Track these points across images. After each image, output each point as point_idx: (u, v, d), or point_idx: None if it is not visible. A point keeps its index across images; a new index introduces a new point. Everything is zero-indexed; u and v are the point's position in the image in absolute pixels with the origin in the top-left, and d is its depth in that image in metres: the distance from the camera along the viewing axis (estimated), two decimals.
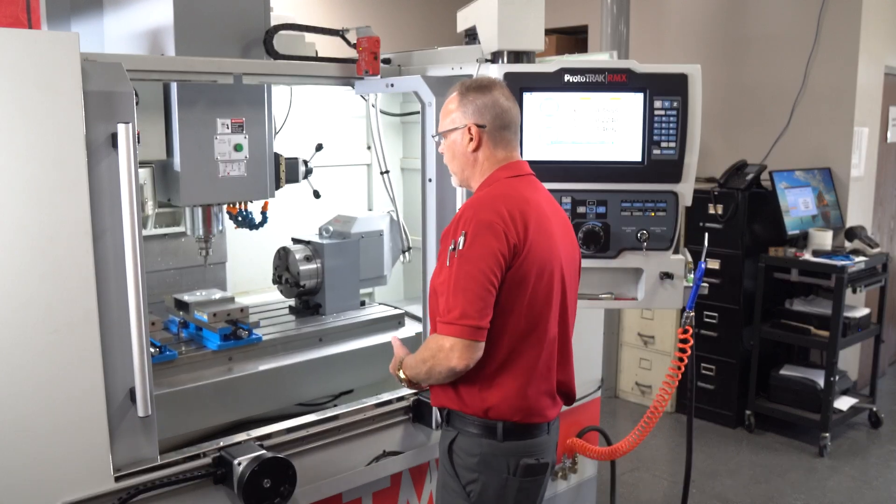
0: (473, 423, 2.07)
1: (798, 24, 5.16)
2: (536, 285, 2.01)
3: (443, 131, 2.17)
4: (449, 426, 2.13)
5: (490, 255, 1.93)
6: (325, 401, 3.02)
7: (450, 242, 1.99)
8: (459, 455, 2.09)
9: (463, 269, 1.93)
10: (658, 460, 4.58)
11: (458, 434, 2.10)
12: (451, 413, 2.12)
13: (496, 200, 2.00)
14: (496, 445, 2.06)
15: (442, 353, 1.95)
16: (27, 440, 1.87)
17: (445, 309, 1.95)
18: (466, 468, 2.08)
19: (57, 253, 1.86)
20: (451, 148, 2.16)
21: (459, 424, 2.10)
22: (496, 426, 2.05)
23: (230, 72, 2.45)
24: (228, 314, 2.74)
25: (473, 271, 1.92)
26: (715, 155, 5.38)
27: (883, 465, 4.54)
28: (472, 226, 1.95)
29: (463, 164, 2.15)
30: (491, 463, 2.06)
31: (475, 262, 1.93)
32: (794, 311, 4.92)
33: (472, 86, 2.13)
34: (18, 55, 1.78)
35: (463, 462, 2.09)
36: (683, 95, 2.54)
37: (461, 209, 2.05)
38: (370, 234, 3.24)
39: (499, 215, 1.96)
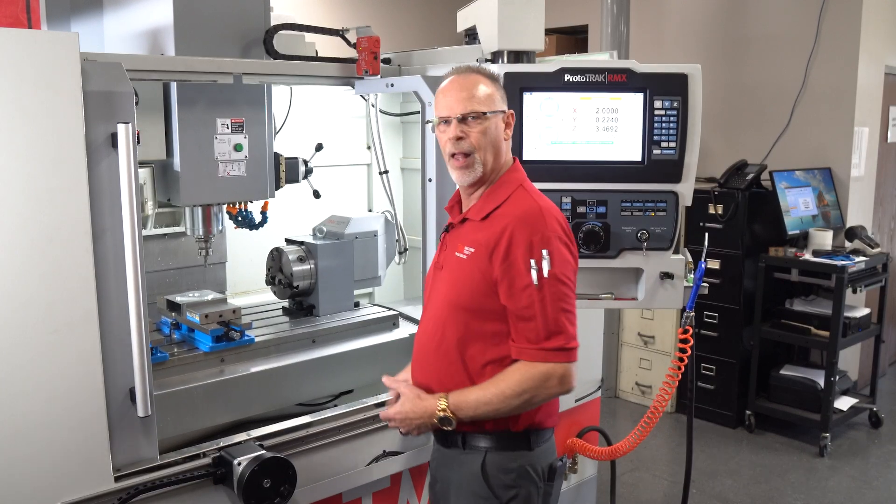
0: (506, 437, 2.00)
1: (798, 24, 5.16)
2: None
3: (491, 110, 1.99)
4: (468, 448, 2.03)
5: (571, 269, 1.95)
6: (324, 401, 3.01)
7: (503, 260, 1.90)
8: (494, 475, 2.00)
9: (557, 290, 1.90)
10: (658, 460, 4.58)
11: (487, 453, 2.00)
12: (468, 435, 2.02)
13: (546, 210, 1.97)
14: (529, 455, 2.02)
15: (553, 380, 1.90)
16: (27, 440, 1.87)
17: (546, 333, 1.89)
18: (504, 486, 2.00)
19: (57, 253, 1.86)
20: (489, 132, 1.99)
21: (485, 443, 2.01)
22: (529, 436, 2.02)
23: (230, 72, 2.45)
24: (220, 315, 2.73)
25: (566, 290, 1.92)
26: (715, 155, 5.38)
27: (883, 465, 4.54)
28: (551, 244, 1.91)
29: (495, 150, 2.01)
30: (528, 473, 2.02)
31: (564, 280, 1.91)
32: (794, 311, 4.92)
33: (496, 75, 2.08)
34: (18, 55, 1.78)
35: (500, 480, 2.00)
36: (683, 95, 2.54)
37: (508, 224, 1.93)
38: (364, 234, 3.23)
39: (560, 226, 1.96)
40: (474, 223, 2.03)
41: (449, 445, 2.08)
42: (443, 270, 2.09)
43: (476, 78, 2.02)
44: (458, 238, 2.06)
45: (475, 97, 1.98)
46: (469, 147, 1.98)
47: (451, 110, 1.99)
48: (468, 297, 1.97)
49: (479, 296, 1.96)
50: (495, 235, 1.94)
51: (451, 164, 2.03)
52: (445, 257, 2.09)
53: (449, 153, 2.02)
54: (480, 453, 2.01)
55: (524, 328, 1.91)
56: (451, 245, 2.08)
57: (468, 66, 2.09)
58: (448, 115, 2.00)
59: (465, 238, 2.03)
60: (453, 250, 2.05)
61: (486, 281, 1.94)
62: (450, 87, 2.02)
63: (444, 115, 2.01)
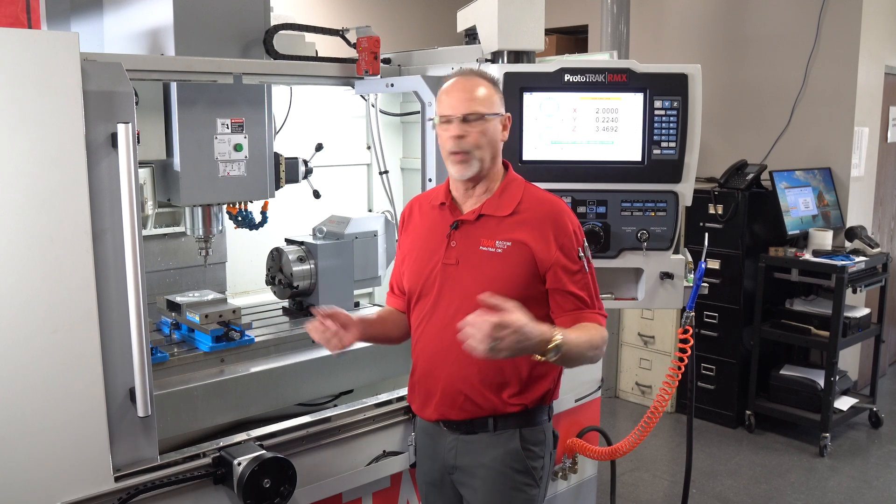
0: (531, 413, 2.15)
1: (798, 24, 5.16)
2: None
3: (492, 113, 2.08)
4: (499, 429, 2.13)
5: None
6: (325, 401, 3.01)
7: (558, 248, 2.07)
8: (530, 449, 2.15)
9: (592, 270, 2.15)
10: (658, 460, 4.58)
11: (521, 430, 2.14)
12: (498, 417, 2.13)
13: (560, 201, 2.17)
14: (548, 426, 2.21)
15: (605, 340, 2.10)
16: (27, 440, 1.87)
17: (598, 305, 2.15)
18: (535, 457, 2.16)
19: (57, 253, 1.86)
20: (488, 133, 2.07)
21: (516, 422, 2.13)
22: (545, 408, 2.20)
23: (230, 72, 2.45)
24: (220, 315, 2.73)
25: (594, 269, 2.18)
26: (715, 155, 5.38)
27: (883, 465, 4.54)
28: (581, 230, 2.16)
29: (493, 150, 2.10)
30: (548, 444, 2.21)
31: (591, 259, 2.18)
32: (794, 311, 4.92)
33: (496, 79, 2.16)
34: (18, 55, 1.78)
35: (533, 453, 2.15)
36: (683, 95, 2.54)
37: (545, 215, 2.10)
38: (364, 234, 3.23)
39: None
40: (498, 219, 2.10)
41: (476, 431, 2.15)
42: (459, 266, 2.10)
43: (477, 80, 2.09)
44: (479, 233, 2.11)
45: (476, 98, 2.06)
46: (469, 146, 2.05)
47: (453, 110, 2.06)
48: (511, 287, 2.03)
49: (521, 287, 2.06)
50: (541, 226, 2.08)
51: (450, 160, 2.09)
52: (461, 252, 2.11)
53: (449, 151, 2.08)
54: (514, 431, 2.13)
55: (588, 301, 2.12)
56: (467, 240, 2.11)
57: (471, 68, 2.16)
58: (451, 114, 2.06)
59: (491, 233, 2.10)
60: (475, 245, 2.10)
61: (530, 271, 2.07)
62: (453, 88, 2.09)
63: (447, 115, 2.07)
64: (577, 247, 2.10)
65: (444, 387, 2.13)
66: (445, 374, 2.13)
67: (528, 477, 2.15)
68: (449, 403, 2.14)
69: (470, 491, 2.17)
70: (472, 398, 2.11)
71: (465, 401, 2.11)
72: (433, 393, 2.16)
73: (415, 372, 2.23)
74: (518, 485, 2.14)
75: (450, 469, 2.20)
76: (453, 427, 2.17)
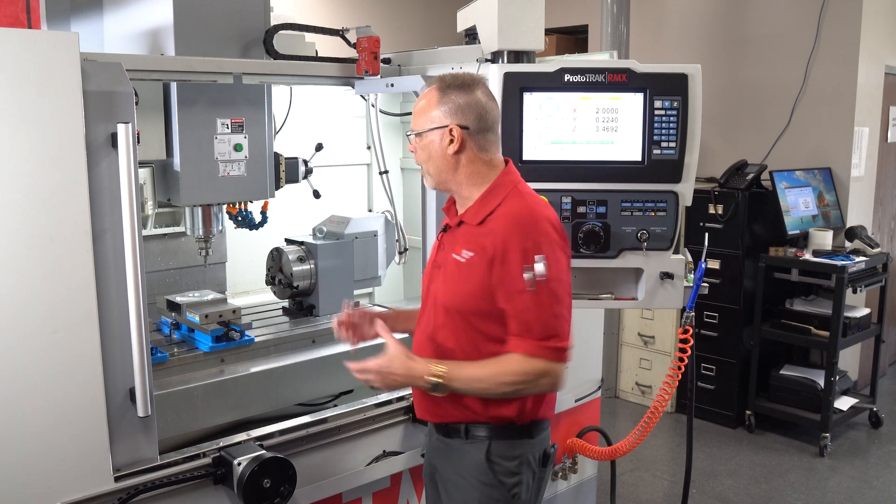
0: (509, 427, 2.05)
1: (798, 24, 5.16)
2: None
3: (420, 131, 2.04)
4: (471, 438, 2.07)
5: (564, 270, 1.99)
6: (324, 401, 3.01)
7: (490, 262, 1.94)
8: (499, 463, 2.05)
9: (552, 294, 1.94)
10: (658, 460, 4.58)
11: (491, 441, 2.05)
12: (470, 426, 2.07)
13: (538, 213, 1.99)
14: (530, 444, 2.09)
15: (547, 378, 1.96)
16: (27, 440, 1.87)
17: (543, 334, 1.93)
18: (508, 473, 2.05)
19: (57, 253, 1.86)
20: (428, 148, 2.03)
21: (488, 433, 2.05)
22: (532, 427, 2.08)
23: (230, 72, 2.45)
24: (220, 315, 2.73)
25: (560, 294, 1.96)
26: (715, 155, 5.38)
27: (883, 465, 4.54)
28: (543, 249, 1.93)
29: (441, 166, 2.04)
30: (528, 461, 2.09)
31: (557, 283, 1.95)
32: (794, 311, 4.92)
33: (454, 83, 2.02)
34: (18, 55, 1.78)
35: (504, 468, 2.05)
36: (683, 95, 2.54)
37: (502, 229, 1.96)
38: (364, 234, 3.24)
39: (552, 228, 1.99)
40: (471, 227, 2.04)
41: (451, 436, 2.11)
42: (440, 270, 2.11)
43: (428, 92, 2.05)
44: (456, 240, 2.08)
45: (414, 116, 2.07)
46: (418, 161, 2.10)
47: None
48: (463, 300, 2.01)
49: (475, 299, 1.99)
50: (492, 242, 1.96)
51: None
52: (443, 257, 2.11)
53: None
54: (484, 442, 2.05)
55: (523, 327, 1.95)
56: (449, 246, 2.10)
57: (438, 77, 2.07)
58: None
59: (462, 241, 2.05)
60: (451, 251, 2.07)
61: (483, 286, 1.97)
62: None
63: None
64: (526, 264, 1.92)
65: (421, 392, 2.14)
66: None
67: (497, 491, 2.05)
68: (426, 405, 2.14)
69: (445, 495, 2.16)
70: (444, 404, 2.08)
71: (438, 406, 2.10)
72: (416, 392, 2.18)
73: None
74: (486, 497, 2.06)
75: (433, 468, 2.21)
76: (434, 427, 2.17)
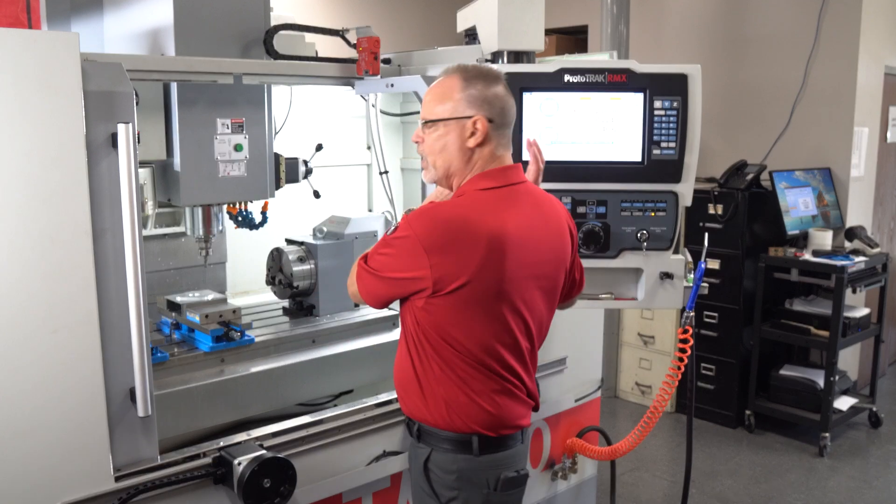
0: (450, 439, 1.99)
1: (798, 24, 5.16)
2: (492, 305, 1.91)
3: (439, 118, 1.94)
4: (421, 442, 2.05)
5: (386, 256, 1.93)
6: (325, 401, 3.01)
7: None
8: (436, 472, 2.01)
9: (376, 251, 1.96)
10: (658, 460, 4.58)
11: (433, 450, 2.02)
12: (422, 428, 2.04)
13: (429, 210, 1.92)
14: (474, 461, 1.98)
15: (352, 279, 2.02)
16: (27, 440, 1.87)
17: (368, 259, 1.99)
18: (445, 486, 2.00)
19: (57, 253, 1.86)
20: (444, 138, 1.94)
21: (433, 441, 2.02)
22: (471, 440, 1.97)
23: (230, 72, 2.45)
24: (221, 315, 2.73)
25: (381, 259, 1.94)
26: (715, 155, 5.38)
27: (883, 465, 4.54)
28: (402, 229, 1.89)
29: (454, 159, 1.95)
30: (471, 478, 1.99)
31: (376, 257, 1.95)
32: (794, 311, 4.92)
33: (478, 73, 1.95)
34: (18, 55, 1.78)
35: (440, 479, 2.01)
36: (683, 95, 2.54)
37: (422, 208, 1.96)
38: (364, 234, 3.23)
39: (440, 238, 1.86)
40: None
41: (411, 434, 2.12)
42: None
43: (448, 80, 1.97)
44: None
45: (432, 102, 1.98)
46: (421, 152, 2.04)
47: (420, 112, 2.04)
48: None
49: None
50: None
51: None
52: None
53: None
54: (427, 449, 2.03)
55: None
56: None
57: (458, 65, 2.01)
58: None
59: None
60: None
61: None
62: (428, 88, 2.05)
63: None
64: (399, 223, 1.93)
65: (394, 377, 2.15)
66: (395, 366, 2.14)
67: (433, 501, 2.02)
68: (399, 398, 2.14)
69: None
70: (404, 398, 2.09)
71: (402, 399, 2.11)
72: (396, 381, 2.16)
73: None
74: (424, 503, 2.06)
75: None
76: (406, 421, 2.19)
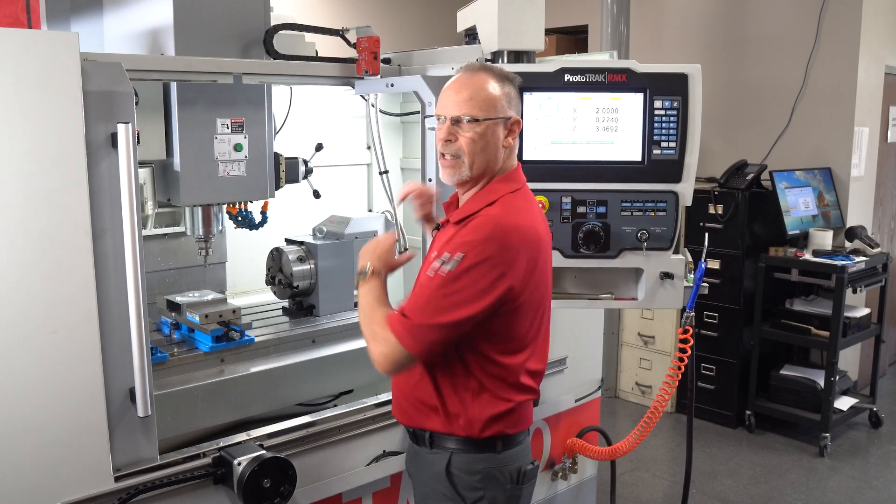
0: (471, 441, 1.98)
1: (798, 24, 5.16)
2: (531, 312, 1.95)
3: (487, 118, 1.90)
4: (435, 448, 2.02)
5: (477, 287, 1.83)
6: (325, 401, 3.01)
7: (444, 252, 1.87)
8: (459, 476, 2.00)
9: (447, 289, 1.83)
10: (658, 460, 4.58)
11: (453, 454, 2.00)
12: (436, 435, 2.02)
13: (498, 229, 1.86)
14: (496, 458, 2.00)
15: (378, 347, 1.88)
16: (27, 440, 1.87)
17: (413, 310, 1.86)
18: (469, 487, 1.99)
19: (57, 253, 1.86)
20: (486, 136, 1.91)
21: (451, 444, 2.00)
22: (495, 442, 1.99)
23: (230, 72, 2.45)
24: (220, 315, 2.73)
25: (455, 298, 1.82)
26: (715, 155, 5.38)
27: (883, 465, 4.54)
28: (470, 253, 1.83)
29: (492, 158, 1.94)
30: (495, 476, 2.00)
31: (459, 287, 1.82)
32: (794, 311, 4.92)
33: (504, 74, 1.96)
34: (18, 55, 1.78)
35: (465, 482, 1.99)
36: (683, 95, 2.54)
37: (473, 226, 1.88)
38: (364, 234, 3.23)
39: (499, 250, 1.84)
40: (453, 226, 1.98)
41: (419, 444, 2.09)
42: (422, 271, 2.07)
43: (482, 78, 1.94)
44: (439, 239, 2.04)
45: (473, 100, 1.91)
46: (456, 150, 1.94)
47: (445, 110, 1.95)
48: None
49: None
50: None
51: (440, 162, 2.01)
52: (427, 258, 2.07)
53: (438, 152, 2.00)
54: (446, 454, 2.00)
55: (409, 299, 1.90)
56: (435, 246, 2.06)
57: (482, 63, 2.02)
58: (442, 113, 1.96)
59: (442, 241, 1.99)
60: (433, 250, 2.03)
61: None
62: (451, 85, 1.96)
63: (439, 114, 1.97)
64: (448, 254, 1.84)
65: (395, 391, 2.13)
66: (396, 380, 2.11)
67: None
68: (398, 408, 2.12)
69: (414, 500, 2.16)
70: (406, 409, 2.07)
71: (403, 409, 2.08)
72: (394, 391, 2.15)
73: None
74: None
75: (407, 475, 2.20)
76: (406, 431, 2.15)
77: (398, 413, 2.13)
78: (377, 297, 1.98)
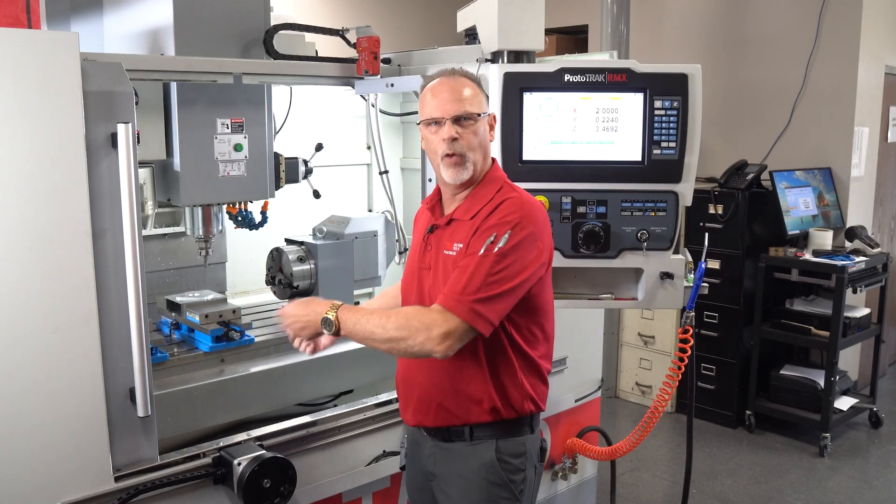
0: (509, 424, 2.06)
1: (798, 24, 5.16)
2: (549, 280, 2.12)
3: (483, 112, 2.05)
4: (475, 440, 2.06)
5: (526, 260, 1.94)
6: (325, 401, 3.01)
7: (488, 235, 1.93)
8: (507, 461, 2.05)
9: (499, 265, 1.90)
10: (658, 460, 4.58)
11: (498, 441, 2.05)
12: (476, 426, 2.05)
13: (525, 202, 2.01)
14: (532, 439, 2.11)
15: (435, 331, 1.87)
16: (27, 440, 1.87)
17: (465, 288, 1.88)
18: (515, 470, 2.07)
19: (57, 253, 1.86)
20: (479, 133, 2.03)
21: (493, 432, 2.05)
22: (531, 420, 2.11)
23: (230, 72, 2.45)
24: (220, 315, 2.73)
25: (507, 272, 1.91)
26: (715, 155, 5.38)
27: (883, 465, 4.54)
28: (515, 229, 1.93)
29: (484, 152, 2.06)
30: (530, 456, 2.11)
31: (510, 262, 1.92)
32: (794, 311, 4.92)
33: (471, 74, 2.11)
34: (18, 55, 1.78)
35: (511, 466, 2.06)
36: (684, 95, 2.54)
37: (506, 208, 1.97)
38: (364, 234, 3.23)
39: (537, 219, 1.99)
40: (463, 222, 2.03)
41: (452, 440, 2.09)
42: (430, 271, 2.09)
43: (463, 80, 2.05)
44: (446, 238, 2.06)
45: (466, 99, 2.01)
46: (462, 148, 2.00)
47: (444, 111, 2.00)
48: None
49: None
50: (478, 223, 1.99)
51: (444, 163, 2.02)
52: (433, 258, 2.09)
53: (443, 153, 2.01)
54: (491, 442, 2.05)
55: (454, 282, 1.92)
56: (438, 245, 2.08)
57: (453, 67, 2.10)
58: (441, 116, 2.01)
59: (453, 236, 2.04)
60: (442, 249, 2.06)
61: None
62: (440, 89, 2.03)
63: (437, 117, 2.01)
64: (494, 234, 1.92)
65: (419, 394, 2.11)
66: (420, 382, 2.10)
67: (505, 490, 2.06)
68: (424, 410, 2.11)
69: (446, 499, 2.12)
70: (447, 407, 2.06)
71: (440, 409, 2.07)
72: (410, 398, 2.14)
73: (398, 374, 2.21)
74: (495, 497, 2.05)
75: (429, 475, 2.17)
76: (431, 433, 2.13)
77: (425, 418, 2.11)
78: (365, 312, 1.99)
